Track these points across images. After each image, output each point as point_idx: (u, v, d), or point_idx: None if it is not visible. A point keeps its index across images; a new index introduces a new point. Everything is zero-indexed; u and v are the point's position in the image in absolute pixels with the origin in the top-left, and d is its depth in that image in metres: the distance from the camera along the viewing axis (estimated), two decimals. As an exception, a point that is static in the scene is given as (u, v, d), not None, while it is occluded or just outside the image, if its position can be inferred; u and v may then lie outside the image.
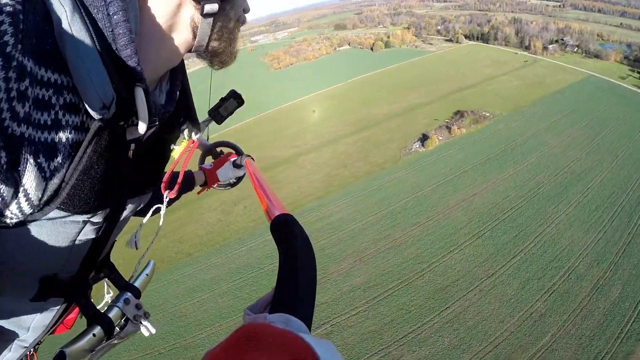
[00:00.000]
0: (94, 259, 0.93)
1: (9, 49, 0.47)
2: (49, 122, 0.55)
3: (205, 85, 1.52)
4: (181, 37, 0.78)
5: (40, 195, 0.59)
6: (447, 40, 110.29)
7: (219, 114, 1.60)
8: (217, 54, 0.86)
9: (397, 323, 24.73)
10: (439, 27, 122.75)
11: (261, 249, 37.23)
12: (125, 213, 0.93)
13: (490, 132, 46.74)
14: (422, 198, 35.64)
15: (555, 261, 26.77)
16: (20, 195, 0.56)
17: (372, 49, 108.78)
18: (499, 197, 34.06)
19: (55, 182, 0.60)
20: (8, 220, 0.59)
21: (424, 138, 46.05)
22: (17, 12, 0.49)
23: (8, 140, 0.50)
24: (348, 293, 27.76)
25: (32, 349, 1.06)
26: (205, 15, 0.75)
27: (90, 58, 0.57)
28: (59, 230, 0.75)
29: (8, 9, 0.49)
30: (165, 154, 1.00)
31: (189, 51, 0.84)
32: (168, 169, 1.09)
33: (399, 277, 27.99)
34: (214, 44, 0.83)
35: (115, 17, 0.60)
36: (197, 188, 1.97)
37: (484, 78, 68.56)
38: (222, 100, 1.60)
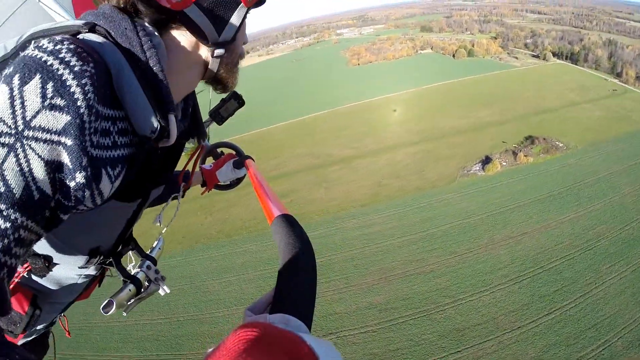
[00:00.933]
0: (124, 235, 1.29)
1: (91, 102, 0.68)
2: (110, 144, 0.79)
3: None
4: (196, 71, 1.04)
5: (108, 193, 0.83)
6: (533, 55, 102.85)
7: (219, 114, 1.75)
8: (222, 82, 1.11)
9: (401, 353, 23.79)
10: (527, 41, 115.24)
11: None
12: (149, 200, 1.25)
13: (560, 166, 41.89)
14: (468, 226, 33.21)
15: (592, 330, 23.26)
16: (96, 194, 0.79)
17: (454, 55, 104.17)
18: (550, 242, 30.42)
19: (117, 183, 0.85)
20: (84, 208, 0.81)
21: (486, 161, 42.90)
22: (93, 75, 0.68)
23: (91, 160, 0.72)
24: (363, 309, 27.24)
25: (66, 309, 1.41)
26: (215, 57, 1.00)
27: (140, 99, 0.80)
28: (110, 214, 1.12)
29: (87, 74, 0.67)
30: (178, 155, 1.26)
31: (201, 80, 1.10)
32: (180, 166, 1.47)
33: (419, 305, 26.70)
34: (221, 75, 1.07)
35: (155, 67, 0.84)
36: (201, 188, 2.18)
37: (565, 103, 62.04)
38: (223, 101, 1.74)
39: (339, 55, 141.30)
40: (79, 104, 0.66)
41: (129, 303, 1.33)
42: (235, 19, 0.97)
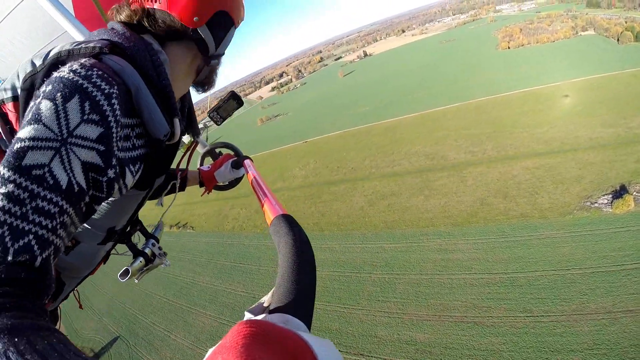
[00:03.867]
0: (134, 217, 1.55)
1: (117, 117, 0.87)
2: (130, 146, 1.02)
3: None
4: (191, 77, 1.32)
5: (131, 185, 1.06)
6: None
7: (218, 115, 1.85)
8: (208, 85, 1.43)
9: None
10: None
11: (374, 254, 36.91)
12: (154, 187, 1.41)
13: None
14: (561, 281, 26.08)
15: None
16: (122, 186, 0.99)
17: (618, 39, 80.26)
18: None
19: (137, 176, 1.08)
20: (111, 198, 0.99)
21: (619, 192, 32.00)
22: (118, 95, 0.88)
23: (118, 160, 0.91)
24: (403, 342, 25.94)
25: (82, 282, 1.62)
26: (210, 66, 1.33)
27: (155, 111, 1.03)
28: (125, 200, 1.35)
29: (114, 95, 0.87)
30: (176, 149, 1.39)
31: (192, 84, 1.39)
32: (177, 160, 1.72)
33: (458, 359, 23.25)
34: (209, 79, 1.41)
35: (164, 81, 1.08)
36: (200, 190, 2.27)
37: None
38: (222, 101, 1.85)
39: (491, 36, 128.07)
40: (109, 119, 0.85)
41: (140, 272, 1.65)
42: (228, 37, 1.30)
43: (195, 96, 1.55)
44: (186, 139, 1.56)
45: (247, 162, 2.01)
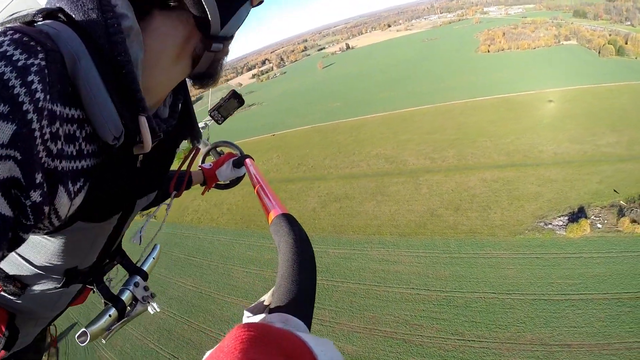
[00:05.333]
0: (108, 251, 1.16)
1: (40, 103, 0.56)
2: (75, 153, 0.68)
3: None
4: (183, 65, 0.89)
5: (66, 213, 0.72)
6: None
7: (218, 114, 1.74)
8: (211, 78, 1.00)
9: None
10: None
11: (317, 258, 31.98)
12: (135, 211, 1.13)
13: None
14: (500, 306, 24.07)
15: None
16: (52, 213, 0.68)
17: (599, 52, 79.83)
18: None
19: (77, 201, 0.73)
20: (41, 231, 0.74)
21: (576, 215, 29.69)
22: (43, 68, 0.57)
23: (47, 174, 0.62)
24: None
25: (53, 321, 1.34)
26: (212, 51, 0.89)
27: (100, 96, 0.67)
28: (82, 235, 0.96)
29: (34, 68, 0.56)
30: (170, 158, 1.13)
31: (188, 76, 0.98)
32: (174, 168, 1.36)
33: None
34: (210, 71, 0.97)
35: (119, 57, 0.69)
36: (201, 188, 2.11)
37: None
38: (223, 100, 1.73)
39: (472, 38, 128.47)
40: (25, 108, 0.55)
41: (109, 331, 1.28)
42: (240, 15, 0.90)
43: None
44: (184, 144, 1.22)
45: (248, 161, 1.87)
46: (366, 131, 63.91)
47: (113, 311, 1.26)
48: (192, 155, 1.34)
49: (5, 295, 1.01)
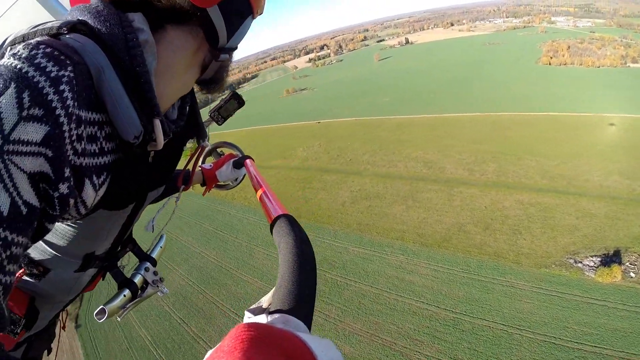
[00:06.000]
0: (121, 238, 1.26)
1: (70, 109, 0.65)
2: (97, 150, 0.77)
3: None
4: (193, 73, 0.99)
5: (92, 202, 0.81)
6: None
7: (219, 114, 1.75)
8: (218, 84, 1.10)
9: None
10: None
11: (336, 253, 34.43)
12: (146, 203, 1.22)
13: None
14: (511, 340, 22.20)
15: None
16: (79, 203, 0.77)
17: None
18: None
19: (101, 192, 0.83)
20: (68, 220, 0.84)
21: (610, 257, 26.51)
22: (72, 79, 0.65)
23: (74, 170, 0.71)
24: None
25: (67, 306, 1.41)
26: (219, 61, 0.99)
27: (122, 102, 0.76)
28: (100, 222, 1.08)
29: (65, 79, 0.64)
30: (178, 155, 1.22)
31: (196, 82, 1.07)
32: (181, 165, 1.43)
33: None
34: (216, 78, 1.07)
35: (137, 68, 0.78)
36: (202, 189, 2.15)
37: None
38: (224, 101, 1.74)
39: (535, 47, 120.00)
40: (57, 112, 0.63)
41: (123, 309, 1.37)
42: (244, 28, 0.99)
43: None
44: (190, 143, 1.35)
45: (248, 161, 1.87)
46: (410, 131, 61.59)
47: (127, 292, 1.36)
48: (198, 153, 1.41)
49: (27, 279, 1.08)
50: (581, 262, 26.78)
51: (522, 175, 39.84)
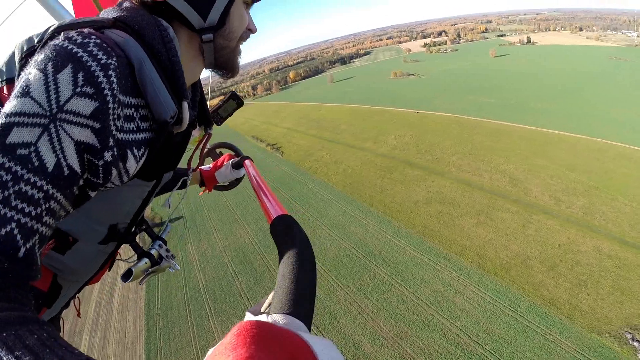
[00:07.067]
0: (139, 215, 1.28)
1: (115, 91, 0.74)
2: (134, 128, 0.86)
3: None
4: (197, 60, 1.07)
5: (134, 171, 0.90)
6: None
7: (218, 115, 1.73)
8: (222, 68, 1.12)
9: None
10: None
11: (393, 251, 33.68)
12: (162, 182, 1.25)
13: None
14: None
15: None
16: (123, 172, 0.85)
17: None
18: None
19: (141, 162, 0.91)
20: (111, 185, 0.87)
21: None
22: (116, 67, 0.74)
23: (117, 142, 0.79)
24: (352, 340, 24.61)
25: (81, 289, 1.39)
26: (205, 42, 1.02)
27: (161, 89, 0.86)
28: (130, 194, 1.13)
29: (112, 66, 0.73)
30: (186, 142, 1.26)
31: (205, 68, 1.13)
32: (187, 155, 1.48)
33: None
34: (220, 61, 1.09)
35: (173, 58, 0.91)
36: (199, 189, 2.13)
37: None
38: (222, 101, 1.74)
39: None
40: (105, 92, 0.72)
41: (145, 274, 1.42)
42: (220, 3, 0.99)
43: None
44: (196, 132, 1.36)
45: (247, 162, 1.89)
46: (506, 140, 55.85)
47: (147, 259, 1.43)
48: (205, 139, 1.46)
49: (53, 252, 1.09)
50: (639, 340, 22.58)
51: (611, 220, 34.27)
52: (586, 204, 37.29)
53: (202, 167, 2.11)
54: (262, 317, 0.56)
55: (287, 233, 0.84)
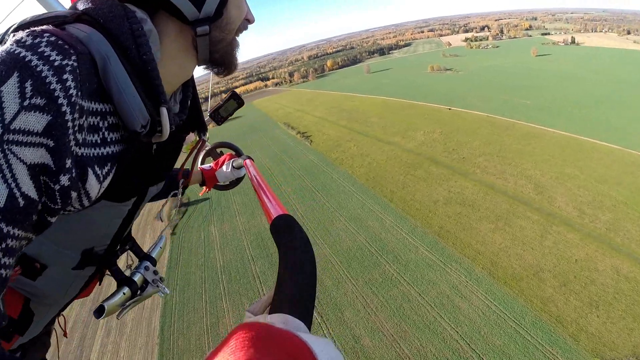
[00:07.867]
0: (121, 235, 1.14)
1: (73, 98, 0.60)
2: (99, 141, 0.72)
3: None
4: (189, 56, 0.92)
5: (96, 194, 0.75)
6: None
7: (219, 114, 1.67)
8: (218, 64, 0.98)
9: None
10: None
11: (406, 250, 32.86)
12: (147, 198, 1.14)
13: None
14: None
15: None
16: (83, 195, 0.71)
17: None
18: None
19: (106, 183, 0.77)
20: (71, 213, 0.75)
21: None
22: (75, 68, 0.61)
23: (76, 160, 0.65)
24: (352, 333, 24.23)
25: (63, 310, 1.29)
26: (200, 35, 0.87)
27: (129, 91, 0.71)
28: (101, 215, 0.97)
29: (69, 68, 0.59)
30: (178, 150, 1.16)
31: (197, 65, 0.98)
32: (179, 163, 1.34)
33: None
34: (215, 56, 0.94)
35: (144, 56, 0.74)
36: (199, 189, 2.08)
37: None
38: (223, 101, 1.68)
39: None
40: (59, 102, 0.59)
41: (123, 307, 1.26)
42: None
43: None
44: (191, 137, 1.25)
45: (248, 161, 1.80)
46: (536, 144, 52.57)
47: (127, 290, 1.25)
48: (199, 146, 1.32)
49: (22, 278, 0.98)
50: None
51: (635, 239, 31.58)
52: (611, 220, 34.64)
53: (203, 167, 2.03)
54: (262, 318, 0.55)
55: (287, 233, 0.81)
